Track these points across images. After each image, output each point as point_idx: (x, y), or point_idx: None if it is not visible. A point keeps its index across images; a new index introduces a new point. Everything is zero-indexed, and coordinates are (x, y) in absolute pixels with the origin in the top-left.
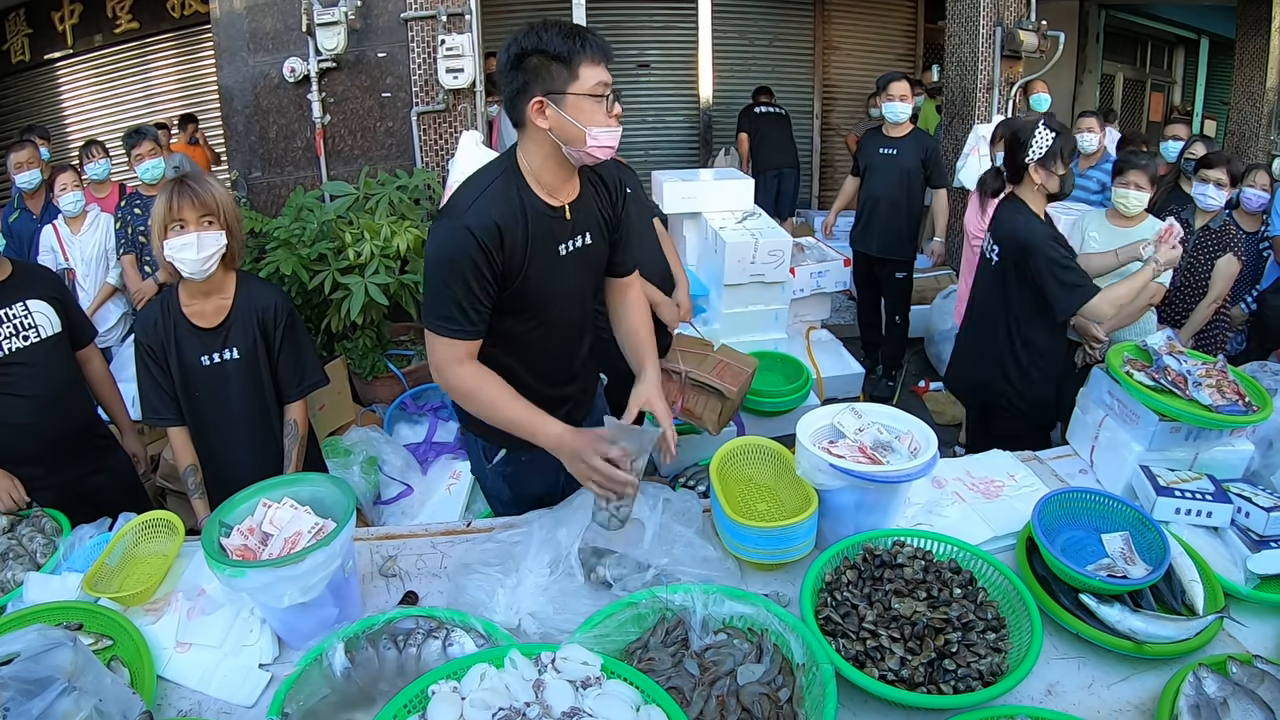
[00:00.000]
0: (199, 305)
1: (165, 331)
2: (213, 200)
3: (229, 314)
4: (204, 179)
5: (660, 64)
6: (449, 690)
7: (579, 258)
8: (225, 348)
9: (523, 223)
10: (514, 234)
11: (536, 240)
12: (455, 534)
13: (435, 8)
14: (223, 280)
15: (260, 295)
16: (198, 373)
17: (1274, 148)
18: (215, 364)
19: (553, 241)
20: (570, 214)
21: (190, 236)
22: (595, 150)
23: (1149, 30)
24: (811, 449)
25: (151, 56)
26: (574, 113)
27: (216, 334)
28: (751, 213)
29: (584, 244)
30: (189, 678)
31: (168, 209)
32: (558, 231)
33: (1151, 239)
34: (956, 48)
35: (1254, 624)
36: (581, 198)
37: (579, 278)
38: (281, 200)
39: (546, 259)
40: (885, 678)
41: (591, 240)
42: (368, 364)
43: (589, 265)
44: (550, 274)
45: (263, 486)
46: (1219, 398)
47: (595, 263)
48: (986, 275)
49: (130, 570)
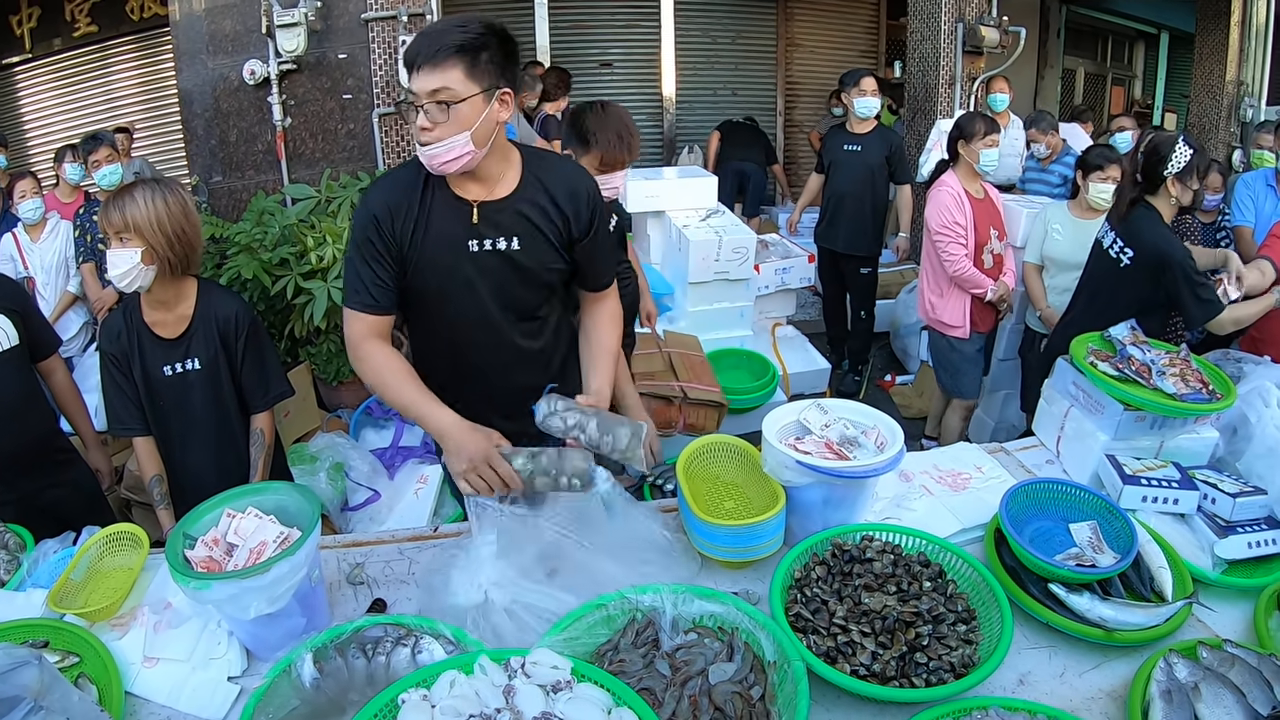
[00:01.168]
0: (159, 315)
1: (129, 341)
2: (123, 218)
3: (190, 324)
4: (130, 193)
5: (623, 63)
6: (419, 698)
7: (489, 261)
8: (187, 358)
9: (418, 209)
10: (405, 218)
11: (433, 229)
12: (423, 539)
13: (396, 8)
14: (179, 291)
15: (221, 305)
16: (160, 383)
17: (1233, 139)
18: (177, 374)
19: (453, 236)
20: (479, 214)
21: (110, 252)
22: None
23: (1110, 25)
24: (778, 446)
25: (111, 60)
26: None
27: (178, 344)
28: (715, 210)
29: (502, 248)
30: (157, 693)
31: (100, 223)
32: (458, 226)
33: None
34: (919, 44)
35: (1223, 609)
36: (509, 200)
37: (486, 280)
38: (242, 204)
39: (443, 249)
40: (857, 673)
41: (520, 245)
42: (332, 369)
43: (505, 275)
44: (443, 267)
45: (226, 496)
46: (1183, 386)
47: (518, 273)
48: (1111, 271)
49: (95, 585)
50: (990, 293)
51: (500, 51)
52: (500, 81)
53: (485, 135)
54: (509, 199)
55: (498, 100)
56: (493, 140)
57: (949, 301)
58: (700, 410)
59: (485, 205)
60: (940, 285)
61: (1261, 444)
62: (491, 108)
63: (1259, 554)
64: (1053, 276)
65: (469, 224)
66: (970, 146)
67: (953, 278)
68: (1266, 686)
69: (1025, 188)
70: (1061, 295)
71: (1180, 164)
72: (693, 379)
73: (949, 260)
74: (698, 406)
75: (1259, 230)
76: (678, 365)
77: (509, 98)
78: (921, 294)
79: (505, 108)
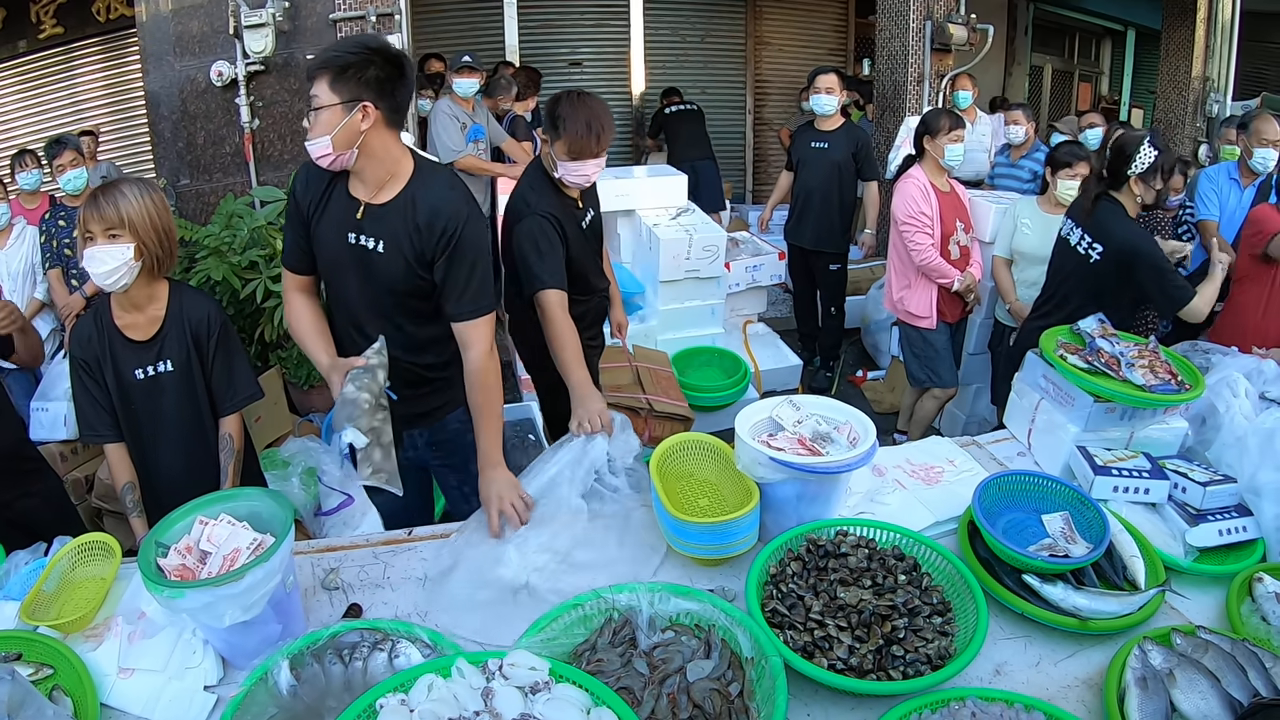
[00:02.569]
0: (131, 318)
1: (100, 346)
2: (117, 213)
3: (162, 326)
4: (119, 189)
5: (592, 62)
6: (397, 703)
7: (361, 254)
8: (159, 360)
9: (323, 193)
10: (312, 197)
11: (329, 213)
12: (398, 543)
13: (364, 9)
14: (152, 292)
15: (194, 306)
16: (133, 386)
17: (1199, 134)
18: (150, 377)
19: (340, 224)
20: (364, 213)
21: (96, 249)
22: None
23: (1077, 22)
24: (751, 443)
25: (77, 62)
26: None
27: (150, 347)
28: (686, 209)
29: (370, 247)
30: (133, 704)
31: (79, 221)
32: (346, 218)
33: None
34: (887, 42)
35: (1195, 596)
36: (386, 207)
37: (357, 274)
38: (211, 207)
39: (331, 232)
40: (834, 667)
41: (383, 250)
42: (303, 373)
43: (371, 270)
44: (331, 248)
45: (199, 504)
46: (1152, 378)
47: (379, 272)
48: (1080, 267)
49: (68, 596)
50: (957, 282)
51: (376, 70)
52: (363, 95)
53: (346, 141)
54: (386, 206)
55: (360, 111)
56: (359, 145)
57: (916, 293)
58: (666, 424)
59: (369, 206)
60: (907, 276)
61: (1230, 433)
62: (352, 118)
63: (1230, 541)
64: (1021, 270)
65: (354, 218)
66: (935, 142)
67: (919, 267)
68: (1240, 671)
69: (995, 183)
70: (1030, 289)
71: (1144, 164)
72: (659, 393)
73: (915, 250)
74: (664, 420)
75: (1223, 223)
76: (645, 379)
77: (370, 110)
78: (889, 286)
79: (366, 118)
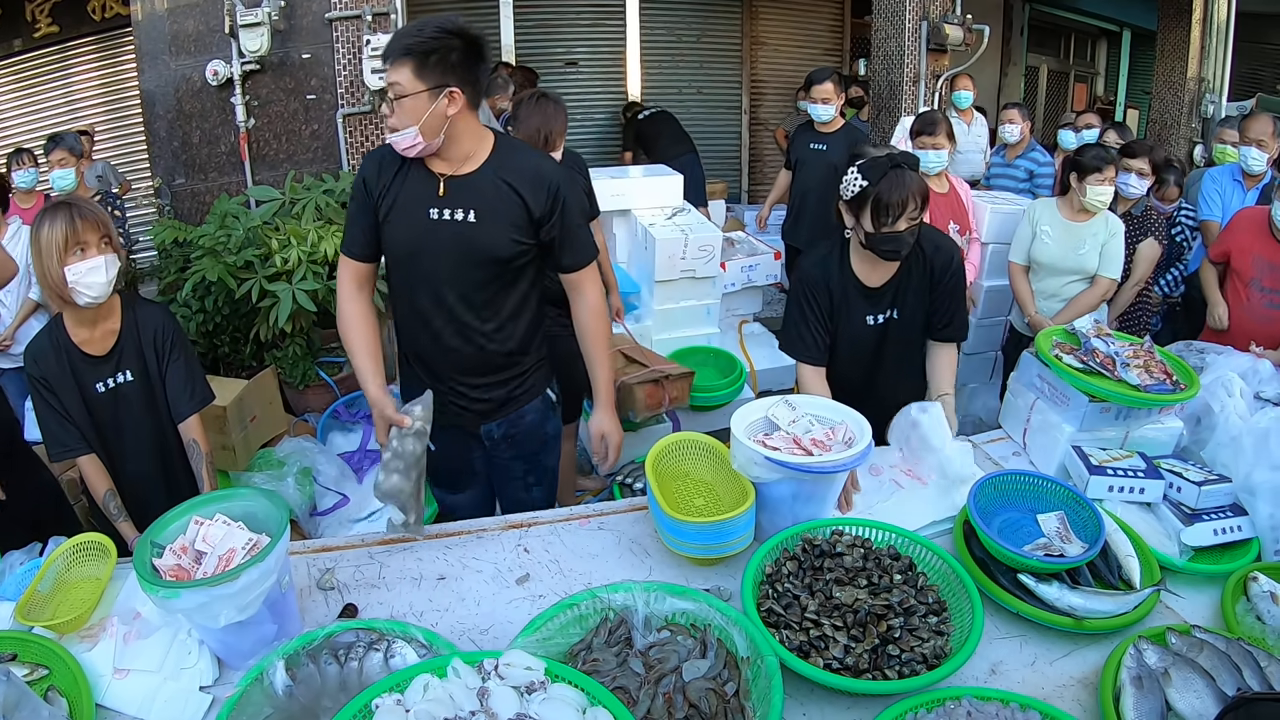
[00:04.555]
0: (86, 333)
1: (59, 363)
2: (105, 224)
3: (118, 338)
4: (87, 202)
5: (588, 61)
6: (393, 703)
7: (448, 229)
8: (118, 372)
9: (394, 174)
10: (383, 179)
11: (404, 190)
12: (393, 543)
13: (360, 8)
14: (110, 305)
15: (149, 316)
16: (95, 400)
17: (1194, 135)
18: (110, 389)
19: (420, 201)
20: (446, 188)
21: (97, 260)
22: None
23: (1072, 23)
24: (746, 442)
25: (72, 61)
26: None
27: (108, 360)
28: (681, 209)
29: (460, 219)
30: (129, 704)
31: (70, 230)
32: (426, 194)
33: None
34: (883, 42)
35: (1190, 595)
36: (471, 179)
37: (443, 249)
38: (206, 207)
39: (409, 211)
40: (830, 666)
41: (475, 219)
42: (298, 373)
43: (462, 242)
44: (410, 228)
45: (194, 503)
46: (1147, 377)
47: (473, 243)
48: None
49: (63, 596)
50: None
51: (458, 54)
52: (449, 80)
53: (434, 128)
54: (470, 177)
55: (446, 97)
56: (445, 131)
57: None
58: (678, 384)
59: (451, 179)
60: None
61: (1225, 433)
62: (439, 104)
63: (1224, 540)
64: (1040, 280)
65: (434, 194)
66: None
67: None
68: (1235, 670)
69: (990, 183)
70: (1049, 300)
71: (849, 192)
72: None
73: None
74: (676, 380)
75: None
76: (635, 355)
77: (457, 95)
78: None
79: (454, 103)
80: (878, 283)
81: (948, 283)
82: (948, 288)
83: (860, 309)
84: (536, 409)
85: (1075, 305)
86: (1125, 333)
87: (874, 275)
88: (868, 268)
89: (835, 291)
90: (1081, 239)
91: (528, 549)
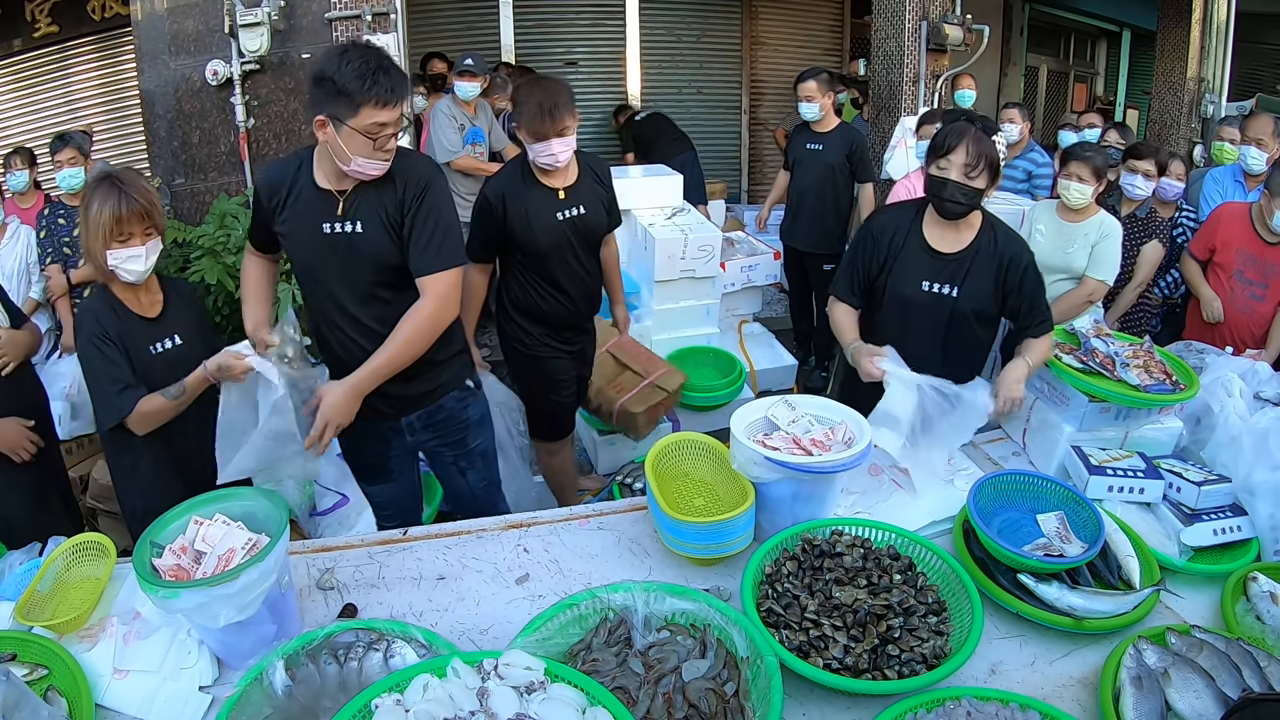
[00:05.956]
0: (136, 299)
1: (118, 319)
2: (151, 209)
3: (165, 304)
4: (131, 182)
5: (588, 62)
6: (392, 703)
7: (344, 240)
8: (168, 336)
9: (286, 190)
10: (277, 194)
11: (297, 208)
12: (392, 543)
13: (360, 7)
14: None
15: (180, 285)
16: (147, 363)
17: (1194, 135)
18: (161, 352)
19: (314, 216)
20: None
21: (138, 249)
22: (355, 173)
23: (1072, 23)
24: (746, 442)
25: (72, 61)
26: (346, 139)
27: (158, 323)
28: (681, 209)
29: (352, 230)
30: (128, 704)
31: (115, 222)
32: (322, 210)
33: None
34: (882, 42)
35: (1190, 595)
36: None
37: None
38: (205, 207)
39: (305, 226)
40: (830, 666)
41: (363, 230)
42: None
43: (355, 251)
44: (306, 241)
45: (193, 503)
46: (1146, 378)
47: (365, 252)
48: None
49: (63, 596)
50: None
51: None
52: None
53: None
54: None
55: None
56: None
57: None
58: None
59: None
60: None
61: (1225, 433)
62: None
63: (1224, 541)
64: None
65: (331, 207)
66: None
67: None
68: (1234, 670)
69: None
70: None
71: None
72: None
73: None
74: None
75: None
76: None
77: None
78: None
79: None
80: (944, 249)
81: (1020, 276)
82: (1020, 281)
83: (919, 270)
84: (454, 398)
85: (1059, 305)
86: (1126, 333)
87: (942, 240)
88: (937, 231)
89: (898, 244)
90: (1071, 238)
91: (527, 549)
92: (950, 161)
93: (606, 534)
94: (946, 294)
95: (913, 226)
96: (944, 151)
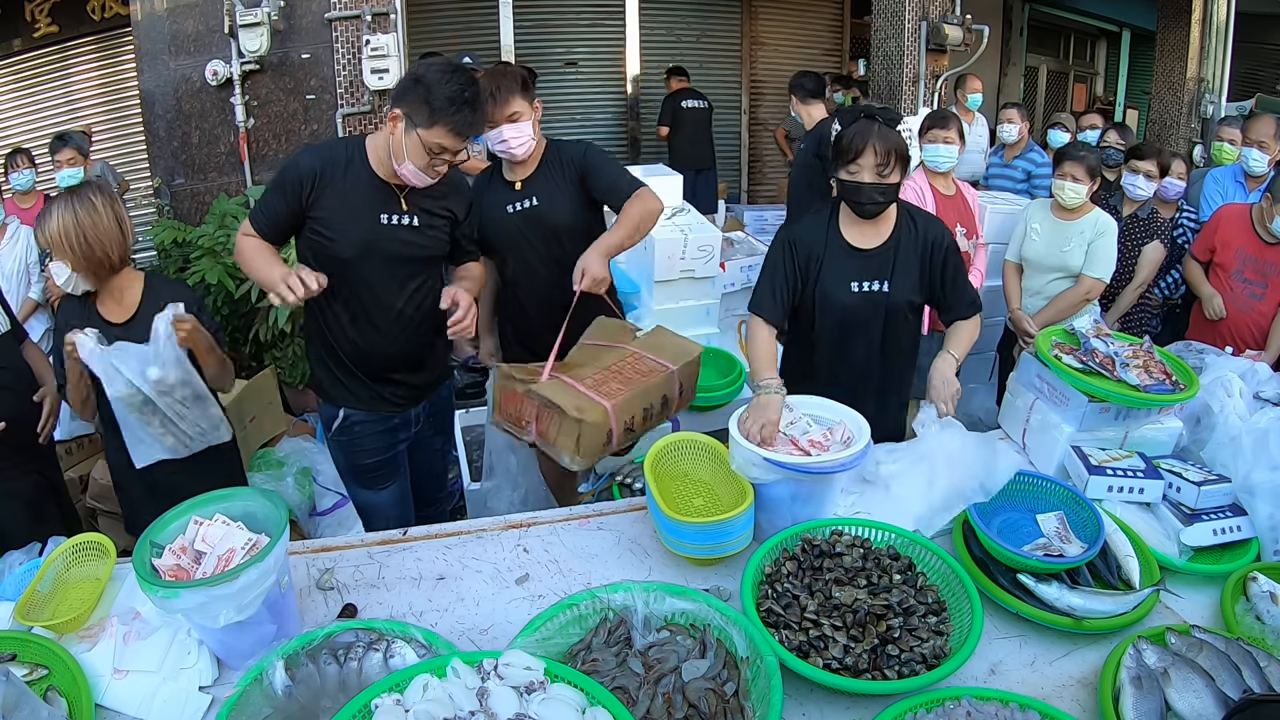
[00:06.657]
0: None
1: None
2: (44, 237)
3: (136, 312)
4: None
5: (587, 61)
6: (392, 703)
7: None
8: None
9: (336, 176)
10: (326, 179)
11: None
12: (392, 543)
13: (360, 8)
14: (121, 284)
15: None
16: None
17: (1194, 135)
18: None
19: (371, 207)
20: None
21: (54, 265)
22: (402, 174)
23: (1072, 23)
24: (745, 443)
25: (71, 61)
26: (408, 143)
27: (126, 329)
28: (680, 209)
29: (409, 223)
30: (128, 705)
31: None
32: (381, 200)
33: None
34: (882, 42)
35: (1189, 595)
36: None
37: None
38: (205, 207)
39: (360, 215)
40: (829, 666)
41: (418, 223)
42: (298, 373)
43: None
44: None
45: (193, 503)
46: (1146, 378)
47: (413, 246)
48: None
49: (63, 596)
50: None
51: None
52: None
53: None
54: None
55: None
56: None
57: None
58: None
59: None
60: None
61: (1224, 433)
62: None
63: (1224, 541)
64: (1028, 278)
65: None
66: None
67: None
68: (1234, 670)
69: (989, 183)
70: (1034, 298)
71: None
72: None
73: None
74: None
75: None
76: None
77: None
78: None
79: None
80: (866, 245)
81: (944, 257)
82: (942, 264)
83: (845, 271)
84: (446, 386)
85: (1056, 303)
86: (1127, 333)
87: (861, 237)
88: (855, 230)
89: (817, 249)
90: (1068, 237)
91: (527, 549)
92: (860, 165)
93: (606, 534)
94: (878, 290)
95: (830, 229)
96: (852, 156)
